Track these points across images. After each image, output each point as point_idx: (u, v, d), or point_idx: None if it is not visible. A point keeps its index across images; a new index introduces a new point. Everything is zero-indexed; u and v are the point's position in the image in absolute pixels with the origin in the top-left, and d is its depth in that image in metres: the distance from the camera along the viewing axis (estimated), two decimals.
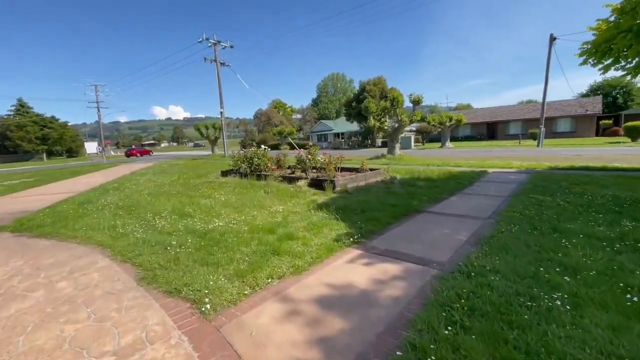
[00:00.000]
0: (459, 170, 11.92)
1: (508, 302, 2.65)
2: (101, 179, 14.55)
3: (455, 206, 6.46)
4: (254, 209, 6.75)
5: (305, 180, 9.57)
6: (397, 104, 19.14)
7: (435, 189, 8.17)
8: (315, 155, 10.98)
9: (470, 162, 14.20)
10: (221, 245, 4.40)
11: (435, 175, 10.36)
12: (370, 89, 38.27)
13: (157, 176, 14.45)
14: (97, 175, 17.43)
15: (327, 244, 4.32)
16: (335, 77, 72.55)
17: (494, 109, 45.15)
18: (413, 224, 5.34)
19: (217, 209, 6.83)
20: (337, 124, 56.70)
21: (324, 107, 71.07)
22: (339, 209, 6.27)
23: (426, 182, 9.19)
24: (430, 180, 9.54)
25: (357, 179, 9.77)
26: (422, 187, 8.53)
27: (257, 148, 12.43)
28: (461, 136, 43.69)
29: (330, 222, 5.34)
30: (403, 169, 12.76)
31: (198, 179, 12.48)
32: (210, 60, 28.30)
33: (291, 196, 7.99)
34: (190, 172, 15.49)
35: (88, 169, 22.47)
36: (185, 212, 6.55)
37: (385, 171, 11.43)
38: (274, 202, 7.29)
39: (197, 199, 8.15)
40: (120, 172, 18.61)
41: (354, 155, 24.68)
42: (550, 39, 25.15)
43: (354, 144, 46.30)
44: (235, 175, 12.30)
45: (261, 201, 7.42)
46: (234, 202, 7.52)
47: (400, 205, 6.33)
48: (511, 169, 12.19)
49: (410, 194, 7.46)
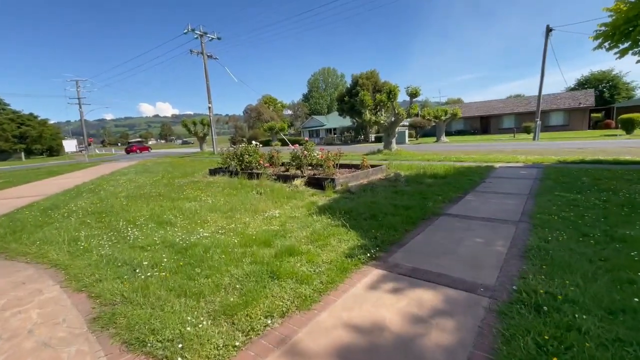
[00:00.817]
0: (464, 165, 11.20)
1: (614, 357, 1.84)
2: (78, 180, 13.36)
3: (476, 207, 5.68)
4: (246, 214, 5.85)
5: (302, 178, 8.69)
6: (393, 97, 18.34)
7: (447, 186, 7.40)
8: (311, 152, 10.09)
9: (473, 157, 13.53)
10: (205, 265, 3.50)
11: (442, 172, 9.60)
12: (363, 83, 37.37)
13: (139, 176, 13.35)
14: (75, 175, 16.18)
15: (339, 261, 3.47)
16: (326, 71, 71.40)
17: (487, 102, 44.88)
18: (436, 230, 4.53)
19: (203, 215, 5.91)
20: (329, 119, 55.77)
21: (315, 102, 69.91)
22: (345, 212, 5.42)
23: (434, 180, 8.41)
24: (437, 176, 8.77)
25: (358, 177, 8.93)
26: (431, 184, 7.75)
27: (247, 144, 11.47)
28: (454, 130, 43.29)
29: (338, 231, 4.49)
30: (404, 164, 11.98)
31: (183, 179, 11.46)
32: (197, 53, 26.95)
33: (288, 197, 7.11)
34: (176, 171, 14.42)
35: (67, 168, 21.06)
36: (165, 220, 5.60)
37: (387, 167, 10.62)
38: (269, 205, 6.40)
39: (180, 202, 7.20)
40: (101, 171, 17.37)
41: (348, 151, 23.79)
42: (546, 30, 24.67)
43: (347, 139, 45.49)
44: (224, 174, 11.33)
45: (254, 204, 6.51)
46: (223, 205, 6.59)
47: (415, 207, 5.51)
48: (518, 163, 11.53)
49: (421, 194, 6.66)
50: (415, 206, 5.59)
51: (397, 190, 7.20)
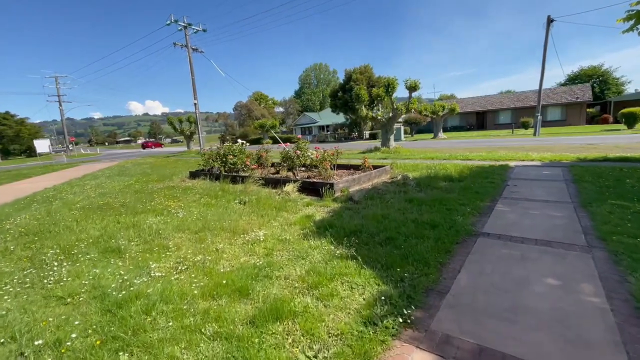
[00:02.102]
0: (475, 164, 10.01)
1: None
2: (41, 185, 11.81)
3: (516, 222, 4.46)
4: (222, 235, 4.53)
5: (295, 183, 7.37)
6: (392, 90, 17.09)
7: (468, 192, 6.17)
8: (305, 151, 8.78)
9: (480, 155, 12.36)
10: (138, 341, 2.18)
11: (455, 173, 8.39)
12: (357, 78, 36.05)
13: (111, 180, 11.85)
14: (41, 179, 14.56)
15: (354, 333, 2.18)
16: (318, 67, 69.85)
17: (483, 98, 44.05)
18: (481, 263, 3.27)
19: (166, 236, 4.57)
20: (322, 116, 54.39)
21: (307, 98, 68.36)
22: (351, 233, 4.14)
23: (450, 183, 7.19)
24: (452, 179, 7.55)
25: (360, 180, 7.66)
26: (448, 189, 6.52)
27: (231, 143, 10.10)
28: (450, 126, 42.39)
29: (345, 266, 3.20)
30: (408, 164, 10.75)
31: (159, 183, 10.03)
32: (181, 46, 25.27)
33: (277, 209, 5.80)
34: (154, 174, 12.95)
35: (39, 170, 19.33)
36: (113, 246, 4.23)
37: (392, 168, 9.37)
38: (253, 221, 5.09)
39: (144, 216, 5.82)
40: (74, 174, 15.75)
41: (343, 149, 22.39)
42: (547, 21, 23.70)
43: (341, 136, 44.24)
44: (205, 177, 9.95)
45: (233, 220, 5.19)
46: (194, 221, 5.25)
47: (442, 225, 4.26)
48: (533, 161, 10.40)
49: (442, 203, 5.41)
50: (441, 223, 4.34)
51: (410, 198, 5.93)
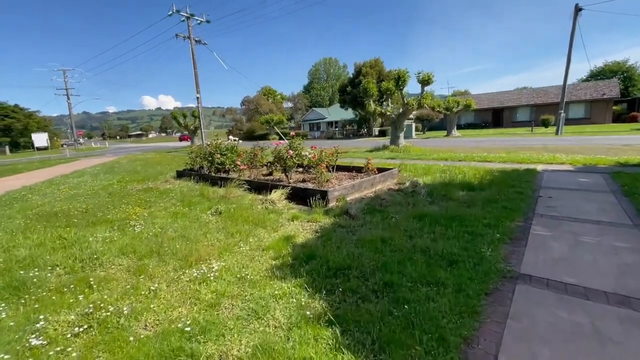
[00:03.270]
0: (496, 167, 8.70)
1: None
2: (19, 182, 11.03)
3: (567, 258, 3.24)
4: (170, 263, 3.47)
5: (283, 189, 6.26)
6: (402, 84, 15.75)
7: (493, 206, 4.95)
8: (299, 150, 7.65)
9: (500, 156, 10.99)
10: None
11: (474, 178, 7.13)
12: (366, 72, 34.57)
13: (95, 178, 10.98)
14: (27, 175, 13.83)
15: None
16: (327, 62, 68.18)
17: (500, 94, 41.89)
18: (529, 340, 2.10)
19: (103, 263, 3.55)
20: (331, 111, 53.02)
21: (316, 93, 66.90)
22: (336, 271, 3.02)
23: (469, 192, 5.95)
24: (471, 187, 6.30)
25: (361, 186, 6.50)
26: (467, 201, 5.30)
27: (216, 140, 9.06)
28: (464, 124, 40.50)
29: (315, 343, 2.08)
30: (419, 166, 9.50)
31: (141, 183, 9.08)
32: (184, 37, 24.35)
33: (254, 223, 4.72)
34: (143, 171, 12.04)
35: (34, 165, 18.75)
36: (19, 279, 3.21)
37: (399, 171, 8.17)
38: (217, 243, 4.02)
39: (94, 229, 4.83)
40: (64, 170, 15.02)
41: (349, 146, 21.37)
42: (575, 10, 21.80)
43: (349, 133, 42.92)
44: (190, 177, 8.95)
45: (195, 239, 4.13)
46: (149, 239, 4.22)
47: (463, 260, 3.09)
48: (563, 165, 9.03)
49: (461, 222, 4.22)
50: (462, 256, 3.17)
51: (420, 213, 4.75)
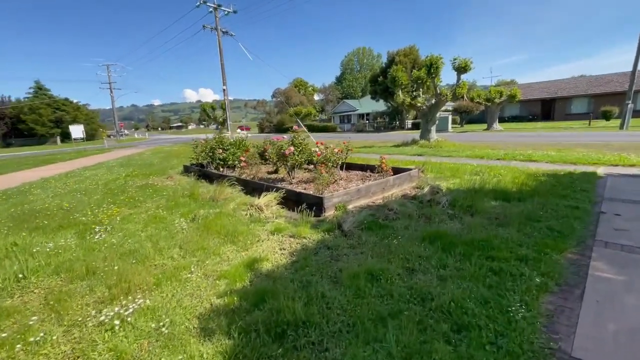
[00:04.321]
0: (542, 169, 7.16)
1: None
2: (42, 173, 11.28)
3: None
4: (98, 291, 2.77)
5: (277, 192, 5.40)
6: (435, 72, 14.14)
7: (533, 226, 3.73)
8: (304, 147, 6.76)
9: (549, 155, 9.27)
10: None
11: (512, 183, 5.79)
12: (400, 60, 32.49)
13: (109, 171, 10.92)
14: (59, 166, 14.31)
15: None
16: (361, 51, 65.81)
17: (551, 82, 37.63)
18: None
19: (22, 286, 2.94)
20: (362, 103, 51.24)
21: (348, 85, 65.05)
22: (286, 329, 2.11)
23: (503, 204, 4.70)
24: (507, 196, 5.01)
25: (368, 191, 5.47)
26: (500, 217, 4.10)
27: (219, 134, 8.41)
28: (508, 116, 36.94)
29: None
30: (446, 165, 8.19)
31: (146, 178, 8.72)
32: (211, 28, 24.22)
33: (227, 236, 3.94)
34: (157, 165, 11.84)
35: (69, 156, 19.68)
36: None
37: (420, 172, 6.99)
38: (170, 262, 3.29)
39: (54, 235, 4.33)
40: (88, 162, 15.37)
41: (377, 140, 20.11)
42: None
43: (380, 125, 41.12)
44: (194, 173, 8.42)
45: (146, 255, 3.43)
46: (96, 254, 3.59)
47: (477, 321, 2.04)
48: (633, 167, 7.29)
49: (484, 250, 3.09)
50: (479, 319, 2.11)
51: (433, 233, 3.66)
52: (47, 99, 42.60)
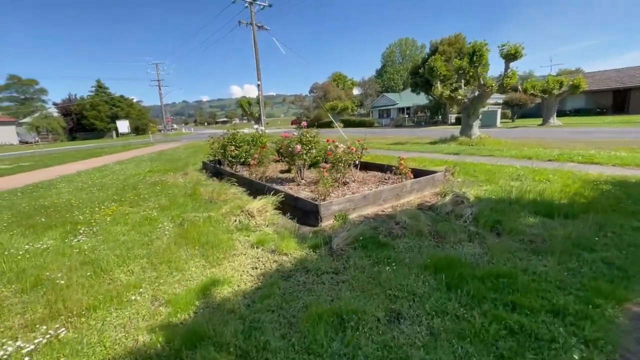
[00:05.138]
0: (606, 174, 5.78)
1: None
2: (79, 167, 11.99)
3: None
4: (39, 310, 2.46)
5: (275, 196, 4.88)
6: (478, 60, 12.61)
7: (582, 258, 2.78)
8: (313, 145, 6.16)
9: (618, 156, 7.63)
10: None
11: (562, 193, 4.66)
12: (444, 50, 30.20)
13: (137, 165, 11.27)
14: (100, 160, 15.25)
15: None
16: (403, 42, 62.87)
17: (624, 70, 32.63)
18: None
19: None
20: (403, 97, 49.00)
21: (389, 78, 62.67)
22: None
23: (545, 221, 3.70)
24: (551, 209, 3.95)
25: (378, 198, 4.73)
26: (535, 239, 3.17)
27: (233, 131, 8.12)
28: (570, 109, 32.77)
29: None
30: (483, 167, 7.08)
31: (163, 174, 8.75)
32: (246, 24, 24.37)
33: (204, 246, 3.51)
34: (182, 160, 12.01)
35: (115, 149, 21.12)
36: None
37: (450, 174, 6.06)
38: (129, 276, 2.92)
39: (41, 235, 4.24)
40: (129, 155, 16.20)
41: (414, 136, 18.81)
42: None
43: (420, 120, 38.97)
44: (207, 170, 8.25)
45: (107, 267, 3.11)
46: (65, 260, 3.35)
47: None
48: None
49: (504, 293, 2.27)
50: None
51: (440, 260, 2.87)
52: (105, 96, 46.59)
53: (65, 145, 32.75)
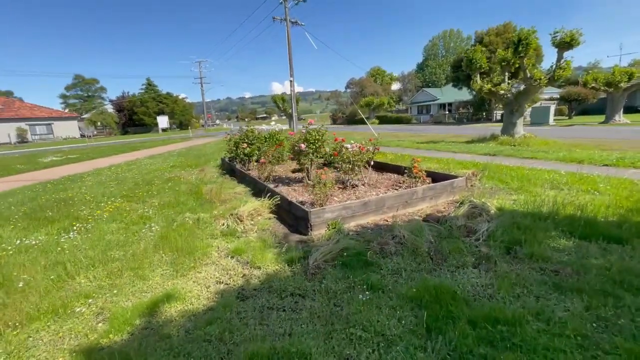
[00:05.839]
0: None
1: None
2: (112, 161, 12.67)
3: None
4: None
5: (270, 199, 4.57)
6: (524, 50, 11.24)
7: (622, 301, 2.09)
8: (320, 144, 5.74)
9: None
10: None
11: (608, 209, 3.78)
12: (490, 41, 27.81)
13: (166, 160, 11.65)
14: (137, 153, 16.12)
15: None
16: (447, 34, 59.30)
17: None
18: None
19: None
20: (444, 92, 46.37)
21: (431, 72, 59.63)
22: None
23: (580, 243, 2.96)
24: (590, 230, 3.17)
25: (381, 206, 4.20)
26: (558, 270, 2.49)
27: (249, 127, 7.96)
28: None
29: None
30: (518, 172, 6.18)
31: (182, 170, 8.89)
32: (280, 20, 24.37)
33: (180, 252, 3.29)
34: (206, 156, 12.22)
35: (156, 143, 22.35)
36: None
37: (477, 179, 5.33)
38: (85, 285, 2.78)
39: (40, 230, 4.32)
40: (157, 150, 16.81)
41: (451, 134, 17.59)
42: None
43: (462, 117, 36.59)
44: (225, 167, 8.20)
45: (70, 272, 2.99)
46: (42, 259, 3.32)
47: None
48: None
49: (498, 351, 1.72)
50: None
51: (432, 289, 2.34)
52: (153, 93, 49.80)
53: (115, 139, 35.51)
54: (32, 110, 38.85)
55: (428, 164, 7.27)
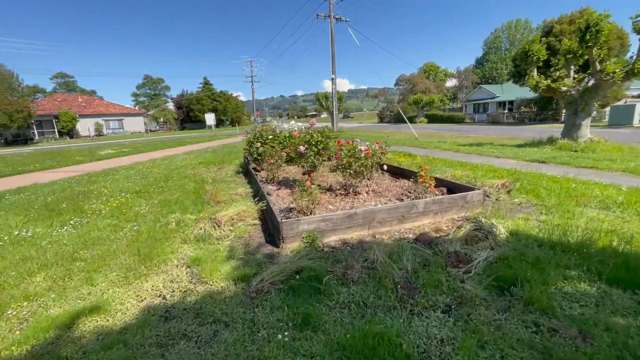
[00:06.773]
0: None
1: None
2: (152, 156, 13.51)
3: None
4: None
5: (256, 204, 4.33)
6: (594, 38, 9.49)
7: None
8: (324, 146, 5.34)
9: None
10: None
11: None
12: (561, 30, 24.37)
13: (196, 157, 12.11)
14: (179, 149, 17.11)
15: None
16: (513, 25, 53.69)
17: None
18: None
19: None
20: (505, 89, 42.14)
21: (491, 67, 54.65)
22: None
23: (607, 290, 2.20)
24: (629, 274, 2.37)
25: (370, 219, 3.70)
26: (564, 329, 1.83)
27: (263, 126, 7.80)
28: None
29: None
30: (561, 184, 5.13)
31: (204, 167, 9.10)
32: (324, 16, 24.07)
33: (138, 257, 3.20)
34: (236, 153, 12.44)
35: (202, 139, 23.61)
36: None
37: (503, 191, 4.55)
38: (19, 291, 2.78)
39: (44, 222, 4.59)
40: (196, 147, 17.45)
41: (504, 136, 15.94)
42: None
43: (524, 116, 32.90)
44: (242, 166, 8.19)
45: (23, 274, 3.04)
46: (26, 252, 3.46)
47: None
48: None
49: None
50: None
51: (368, 342, 1.87)
52: (208, 91, 53.03)
53: (171, 134, 38.49)
54: (107, 107, 43.88)
55: (452, 171, 6.43)
